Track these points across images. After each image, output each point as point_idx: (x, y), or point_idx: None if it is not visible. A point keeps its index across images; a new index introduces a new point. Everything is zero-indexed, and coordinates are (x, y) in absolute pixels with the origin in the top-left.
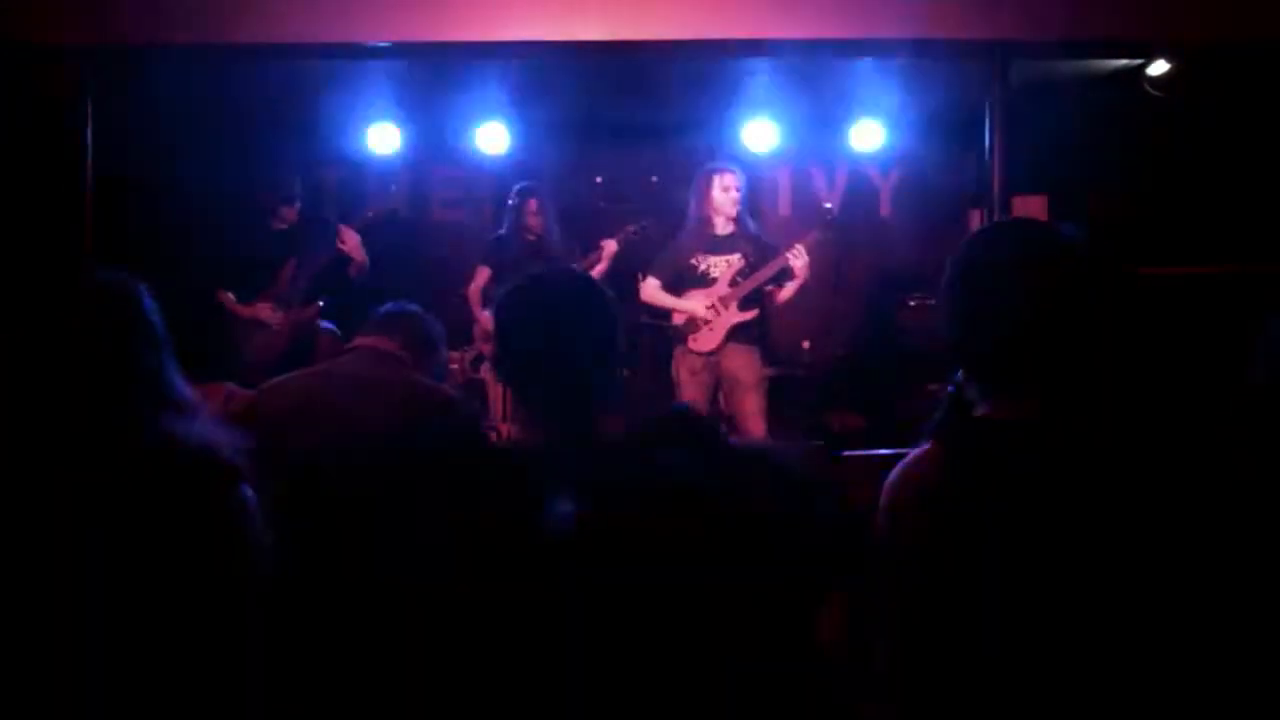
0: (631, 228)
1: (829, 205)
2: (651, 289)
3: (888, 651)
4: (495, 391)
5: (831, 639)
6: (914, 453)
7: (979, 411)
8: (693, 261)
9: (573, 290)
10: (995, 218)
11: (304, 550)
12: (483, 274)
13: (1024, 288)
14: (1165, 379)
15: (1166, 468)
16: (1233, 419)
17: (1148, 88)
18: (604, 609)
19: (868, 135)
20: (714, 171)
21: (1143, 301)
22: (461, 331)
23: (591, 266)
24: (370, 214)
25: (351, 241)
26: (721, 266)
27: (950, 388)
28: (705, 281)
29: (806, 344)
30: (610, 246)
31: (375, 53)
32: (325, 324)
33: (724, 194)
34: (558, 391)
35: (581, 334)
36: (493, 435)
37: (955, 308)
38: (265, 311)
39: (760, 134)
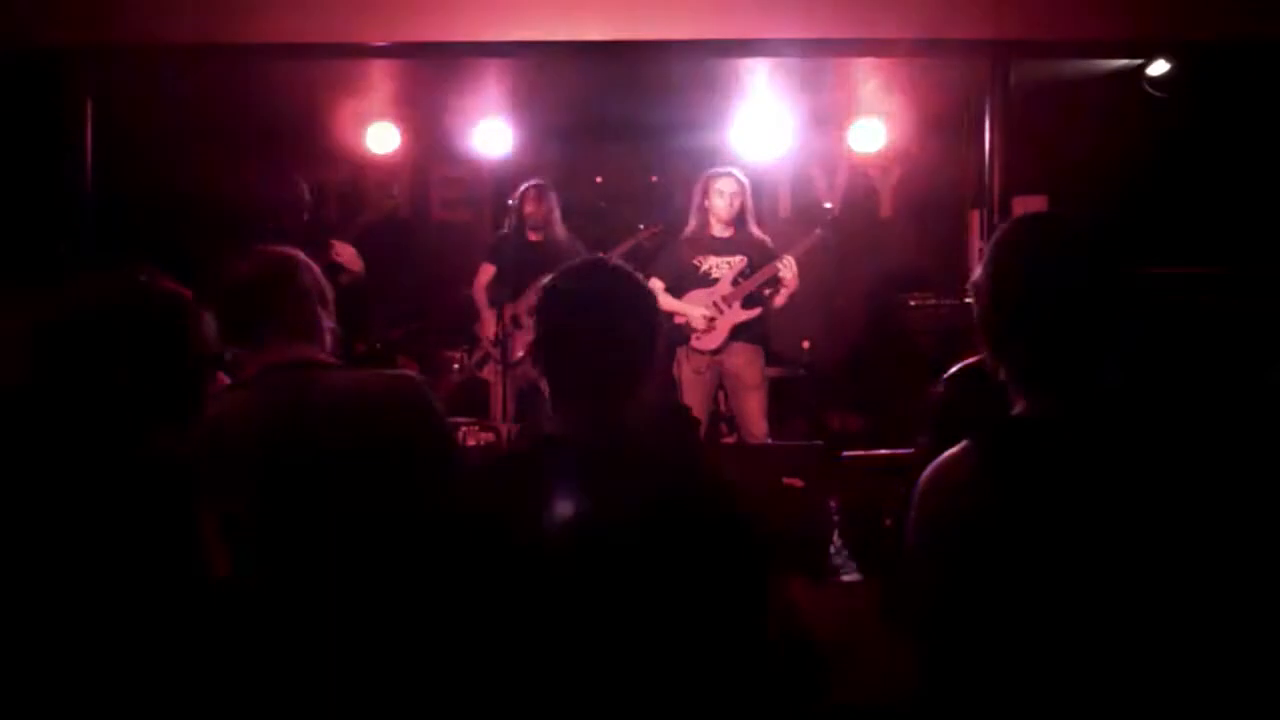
0: (645, 231)
1: (829, 205)
2: (655, 291)
3: (920, 652)
4: (498, 392)
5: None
6: (947, 454)
7: (1016, 409)
8: (695, 262)
9: (617, 282)
10: (995, 218)
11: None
12: (487, 271)
13: (1055, 283)
14: (1167, 379)
15: (1204, 465)
16: (1252, 418)
17: (1148, 88)
18: (600, 605)
19: (868, 135)
20: (712, 176)
21: (1143, 301)
22: (463, 331)
23: None
24: (364, 221)
25: (346, 254)
26: (724, 268)
27: (941, 387)
28: (707, 283)
29: (806, 344)
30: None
31: (375, 53)
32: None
33: (720, 199)
34: (594, 383)
35: (623, 325)
36: (492, 435)
37: (991, 302)
38: None
39: (761, 134)
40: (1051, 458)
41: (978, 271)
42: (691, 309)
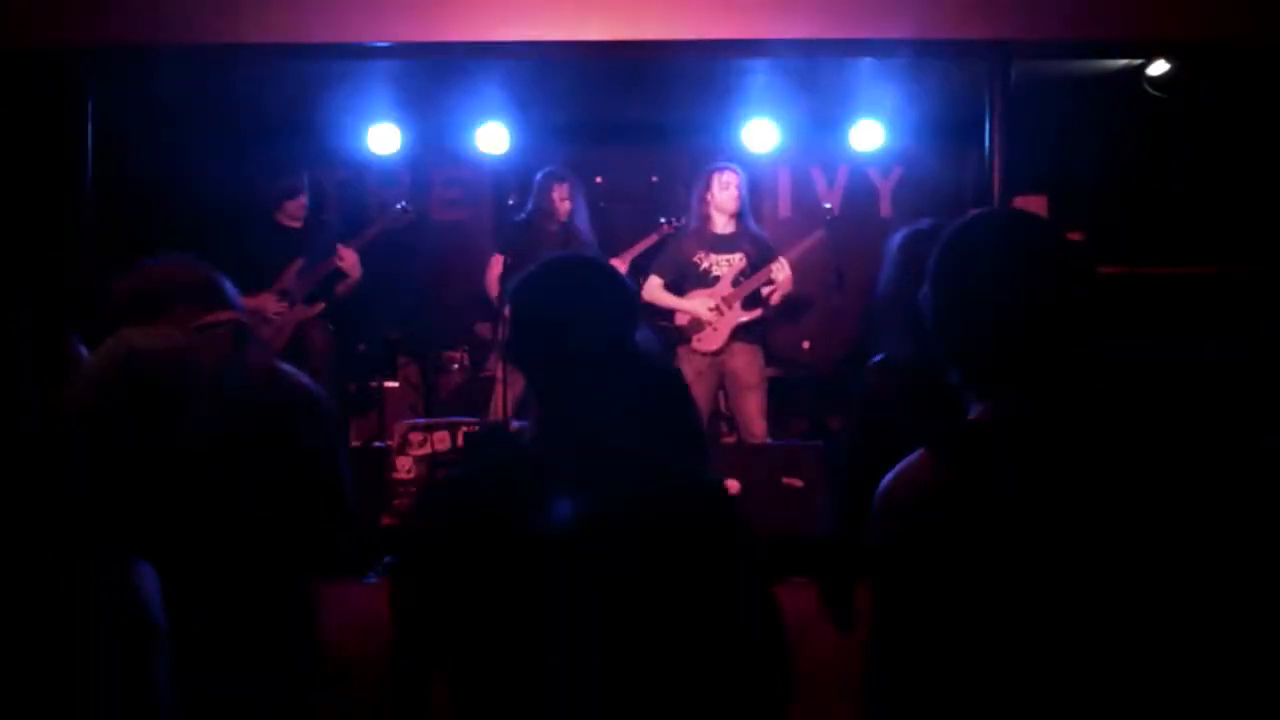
0: (667, 226)
1: (829, 205)
2: (654, 288)
3: (877, 657)
4: (499, 389)
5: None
6: (906, 460)
7: (973, 413)
8: (695, 260)
9: (587, 274)
10: None
11: None
12: (498, 262)
13: (1014, 282)
14: (1162, 378)
15: (1160, 467)
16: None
17: (1148, 88)
18: (600, 605)
19: (868, 135)
20: (714, 170)
21: (1142, 301)
22: (462, 331)
23: None
24: (374, 233)
25: (350, 260)
26: (724, 266)
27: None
28: (708, 281)
29: (806, 344)
30: (621, 268)
31: (375, 53)
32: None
33: (724, 192)
34: (567, 381)
35: (594, 319)
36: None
37: (942, 303)
38: (269, 304)
39: (760, 134)
40: (1010, 465)
41: (930, 272)
42: (695, 304)
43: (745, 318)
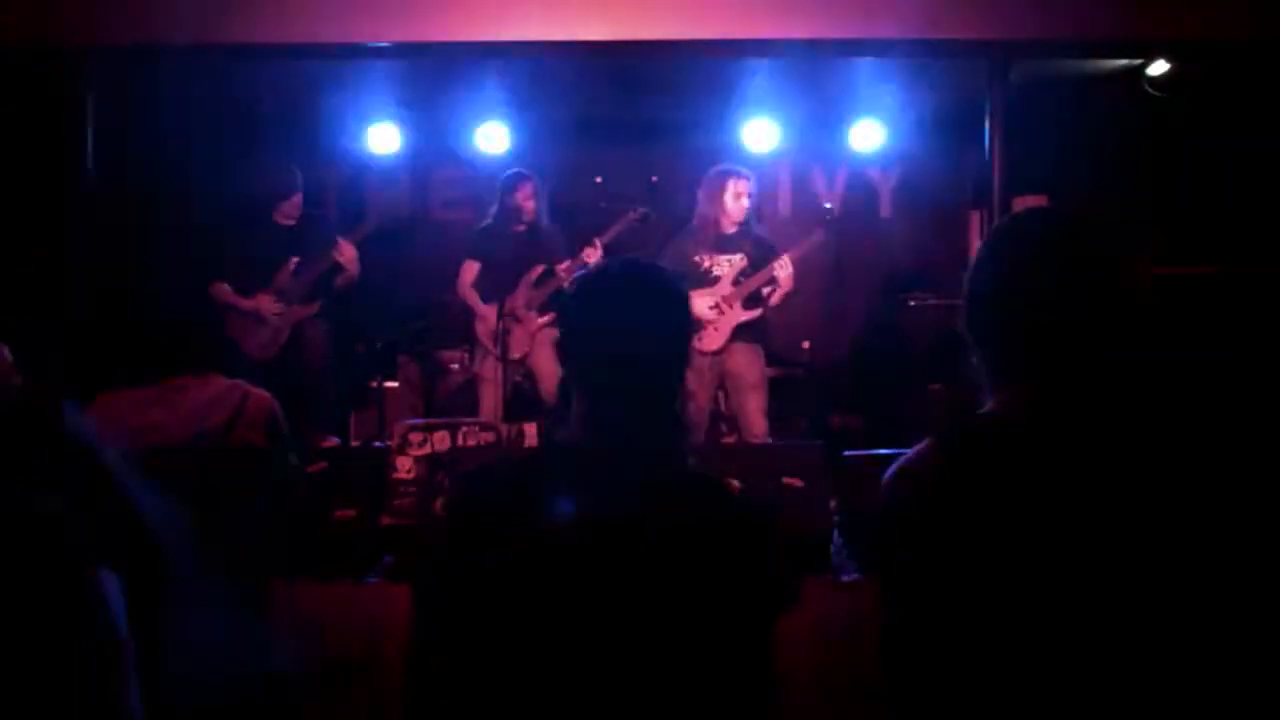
0: (633, 214)
1: (829, 205)
2: None
3: (885, 649)
4: (491, 390)
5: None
6: (912, 450)
7: (985, 406)
8: (696, 260)
9: (659, 282)
10: (995, 218)
11: None
12: (472, 268)
13: (1038, 281)
14: (1165, 377)
15: (1164, 469)
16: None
17: (1148, 88)
18: (601, 608)
19: (868, 135)
20: (728, 175)
21: (1146, 300)
22: (461, 331)
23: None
24: (372, 226)
25: (348, 254)
26: (724, 266)
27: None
28: (708, 281)
29: (806, 344)
30: (595, 256)
31: (375, 53)
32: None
33: (736, 201)
34: (625, 386)
35: (664, 327)
36: (492, 436)
37: (971, 297)
38: (266, 304)
39: (761, 134)
40: (1013, 456)
41: (971, 264)
42: (696, 304)
43: (746, 317)
